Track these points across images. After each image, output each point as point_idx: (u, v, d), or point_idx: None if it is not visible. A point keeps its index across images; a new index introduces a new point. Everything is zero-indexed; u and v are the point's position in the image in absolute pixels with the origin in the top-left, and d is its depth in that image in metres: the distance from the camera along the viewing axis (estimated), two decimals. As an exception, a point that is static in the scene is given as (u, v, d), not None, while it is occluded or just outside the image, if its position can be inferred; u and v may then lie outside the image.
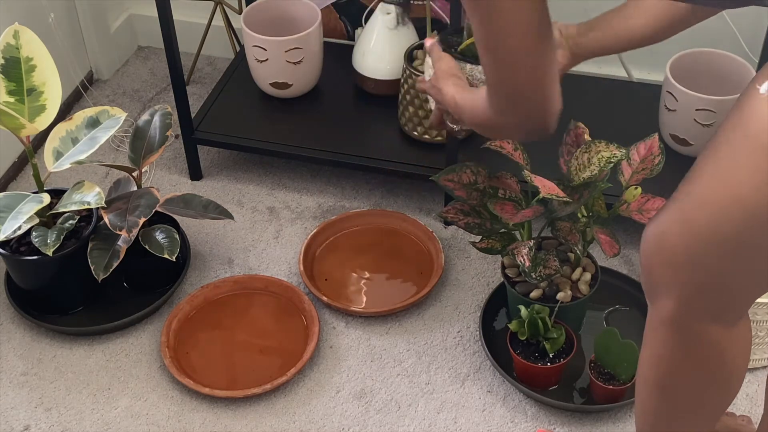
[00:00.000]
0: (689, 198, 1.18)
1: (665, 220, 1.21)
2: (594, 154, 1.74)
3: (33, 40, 1.80)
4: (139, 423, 1.82)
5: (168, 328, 1.92)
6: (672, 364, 1.30)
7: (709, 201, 1.15)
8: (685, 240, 1.18)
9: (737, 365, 1.32)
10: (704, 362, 1.29)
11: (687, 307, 1.23)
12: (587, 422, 1.79)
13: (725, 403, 1.38)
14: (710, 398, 1.35)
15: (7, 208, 1.76)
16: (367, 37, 2.25)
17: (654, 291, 1.27)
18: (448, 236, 2.14)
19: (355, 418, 1.82)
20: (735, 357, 1.30)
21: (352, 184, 2.28)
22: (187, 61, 2.52)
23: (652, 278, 1.26)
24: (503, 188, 1.82)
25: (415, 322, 1.98)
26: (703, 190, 1.16)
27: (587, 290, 1.84)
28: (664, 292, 1.24)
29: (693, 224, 1.16)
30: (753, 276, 1.18)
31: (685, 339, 1.27)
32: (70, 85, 2.45)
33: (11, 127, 1.76)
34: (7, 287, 1.99)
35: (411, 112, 2.13)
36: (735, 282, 1.19)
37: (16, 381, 1.89)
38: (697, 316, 1.24)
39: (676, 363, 1.30)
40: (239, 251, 2.13)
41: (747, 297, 1.25)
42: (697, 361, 1.29)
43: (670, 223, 1.20)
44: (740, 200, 1.11)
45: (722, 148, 1.13)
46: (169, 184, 2.30)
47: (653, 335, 1.31)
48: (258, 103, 2.32)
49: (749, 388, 1.82)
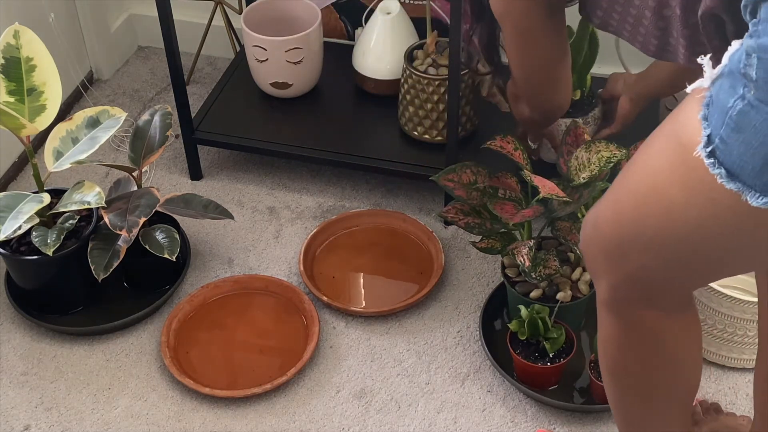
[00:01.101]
0: (620, 185, 1.19)
1: (601, 206, 1.23)
2: (594, 154, 1.74)
3: (33, 40, 1.80)
4: (139, 423, 1.82)
5: (168, 328, 1.92)
6: (615, 346, 1.32)
7: (632, 189, 1.15)
8: (614, 227, 1.19)
9: (683, 352, 1.32)
10: (643, 345, 1.30)
11: (618, 292, 1.24)
12: (587, 422, 1.79)
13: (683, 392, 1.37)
14: (661, 385, 1.35)
15: (7, 208, 1.76)
16: (367, 37, 2.25)
17: (592, 274, 1.29)
18: (448, 236, 2.14)
19: (355, 418, 1.82)
20: (677, 344, 1.30)
21: (352, 184, 2.28)
22: (187, 61, 2.52)
23: (588, 262, 1.28)
24: (503, 188, 1.82)
25: (415, 322, 1.98)
26: (630, 178, 1.17)
27: (587, 290, 1.84)
28: (599, 275, 1.26)
29: (621, 212, 1.17)
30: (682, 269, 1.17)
31: (621, 322, 1.28)
32: (70, 85, 2.45)
33: (11, 127, 1.76)
34: (7, 287, 1.99)
35: (411, 112, 2.13)
36: (663, 274, 1.19)
37: (16, 381, 1.89)
38: (629, 302, 1.25)
39: (617, 346, 1.31)
40: (239, 251, 2.13)
41: (680, 288, 1.25)
42: (636, 344, 1.30)
43: (604, 208, 1.22)
44: (658, 192, 1.10)
45: (653, 140, 1.13)
46: (169, 184, 2.30)
47: (599, 318, 1.33)
48: (258, 103, 2.32)
49: (749, 388, 1.82)
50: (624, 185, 1.18)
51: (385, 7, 2.24)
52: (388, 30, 2.23)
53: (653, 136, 1.13)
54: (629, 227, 1.16)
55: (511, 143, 1.81)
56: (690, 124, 1.03)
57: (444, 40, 2.14)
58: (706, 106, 1.02)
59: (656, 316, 1.25)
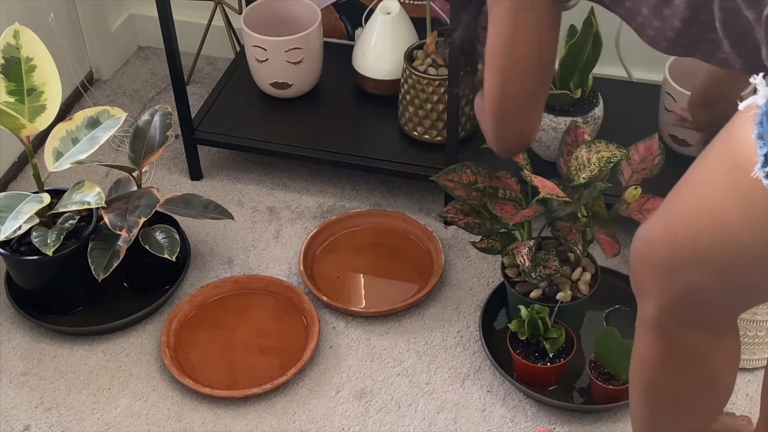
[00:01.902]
0: (673, 204, 1.18)
1: (653, 223, 1.21)
2: (594, 154, 1.74)
3: (33, 40, 1.80)
4: (139, 423, 1.82)
5: (168, 328, 1.92)
6: (654, 366, 1.30)
7: (686, 209, 1.14)
8: (667, 247, 1.18)
9: (722, 376, 1.31)
10: (685, 368, 1.29)
11: (667, 313, 1.23)
12: (587, 422, 1.79)
13: (714, 411, 1.37)
14: (695, 404, 1.34)
15: (7, 208, 1.76)
16: (367, 37, 2.25)
17: (639, 293, 1.27)
18: (448, 236, 2.14)
19: (355, 418, 1.82)
20: (718, 367, 1.29)
21: (352, 184, 2.28)
22: (187, 61, 2.52)
23: (637, 280, 1.26)
24: (503, 188, 1.82)
25: (415, 322, 1.98)
26: (684, 198, 1.16)
27: (587, 290, 1.84)
28: (647, 295, 1.25)
29: (674, 231, 1.16)
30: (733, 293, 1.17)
31: (666, 343, 1.26)
32: (70, 85, 2.45)
33: (11, 127, 1.76)
34: (7, 287, 1.99)
35: (411, 112, 2.13)
36: (714, 294, 1.18)
37: (16, 381, 1.89)
38: (676, 322, 1.23)
39: (657, 365, 1.30)
40: (239, 251, 2.13)
41: (729, 311, 1.24)
42: (678, 366, 1.29)
43: (657, 226, 1.20)
44: (712, 212, 1.09)
45: (706, 157, 1.11)
46: (169, 184, 2.30)
47: (639, 336, 1.31)
48: (258, 103, 2.32)
49: (749, 388, 1.82)
50: (676, 204, 1.17)
51: (385, 7, 2.24)
52: (388, 30, 2.22)
53: (704, 154, 1.11)
54: (683, 246, 1.15)
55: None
56: (744, 143, 1.01)
57: (444, 40, 2.14)
58: (759, 125, 1.00)
59: (702, 338, 1.24)
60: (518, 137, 1.37)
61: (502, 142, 1.39)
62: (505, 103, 1.31)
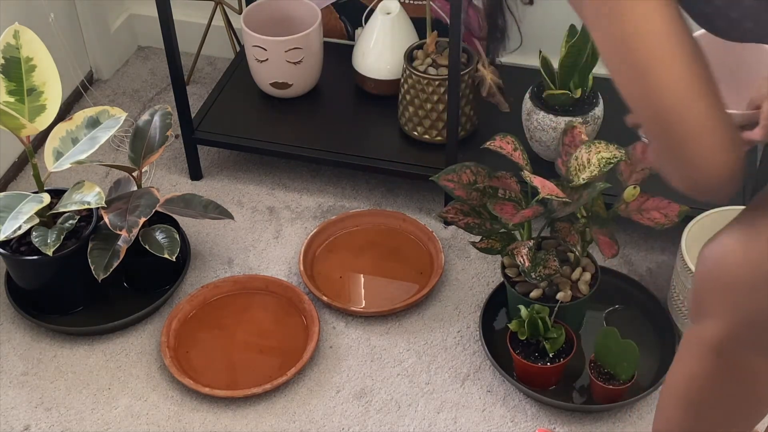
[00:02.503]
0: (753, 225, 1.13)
1: (728, 243, 1.16)
2: (594, 155, 1.74)
3: (33, 40, 1.80)
4: (139, 423, 1.82)
5: (168, 328, 1.93)
6: (705, 384, 1.27)
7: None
8: (746, 269, 1.13)
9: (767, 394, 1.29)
10: (738, 389, 1.26)
11: (735, 336, 1.19)
12: (587, 422, 1.79)
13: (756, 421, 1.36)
14: (736, 421, 1.33)
15: (7, 208, 1.76)
16: (367, 37, 2.25)
17: (702, 311, 1.22)
18: (448, 236, 2.14)
19: (355, 418, 1.82)
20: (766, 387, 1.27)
21: (352, 184, 2.28)
22: (187, 61, 2.52)
23: (702, 300, 1.21)
24: (503, 188, 1.82)
25: (415, 322, 1.98)
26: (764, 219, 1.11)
27: (587, 290, 1.84)
28: (712, 316, 1.20)
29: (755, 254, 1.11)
30: None
31: (725, 365, 1.23)
32: (70, 85, 2.45)
33: (11, 127, 1.76)
34: (7, 287, 1.99)
35: (411, 112, 2.13)
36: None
37: (16, 381, 1.89)
38: (743, 346, 1.20)
39: (709, 385, 1.27)
40: (239, 251, 2.13)
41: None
42: (731, 387, 1.26)
43: (732, 246, 1.15)
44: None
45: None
46: (169, 184, 2.30)
47: (690, 353, 1.27)
48: (258, 103, 2.32)
49: None
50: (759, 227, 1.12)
51: (385, 7, 2.24)
52: (388, 30, 2.23)
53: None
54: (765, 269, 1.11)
55: (511, 143, 1.81)
56: None
57: (444, 40, 2.14)
58: None
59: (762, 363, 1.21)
60: (718, 158, 1.01)
61: (703, 174, 1.02)
62: (648, 108, 1.02)
